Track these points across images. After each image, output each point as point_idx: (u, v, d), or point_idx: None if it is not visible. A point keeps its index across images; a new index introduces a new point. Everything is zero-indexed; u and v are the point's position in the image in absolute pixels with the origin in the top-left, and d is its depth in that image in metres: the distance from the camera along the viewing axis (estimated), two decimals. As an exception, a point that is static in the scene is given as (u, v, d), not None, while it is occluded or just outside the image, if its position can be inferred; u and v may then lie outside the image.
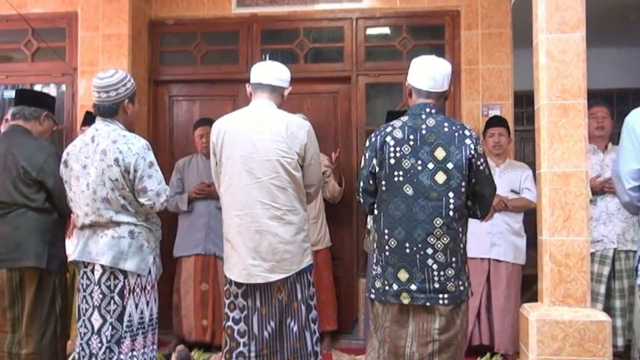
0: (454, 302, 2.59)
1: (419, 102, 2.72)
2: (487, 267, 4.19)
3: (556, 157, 3.28)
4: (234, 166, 2.89)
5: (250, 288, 2.93)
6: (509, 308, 4.12)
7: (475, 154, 2.61)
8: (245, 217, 2.87)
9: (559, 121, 3.28)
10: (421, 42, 4.90)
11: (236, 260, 2.90)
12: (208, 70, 5.07)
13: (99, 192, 2.84)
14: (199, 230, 4.38)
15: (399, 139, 2.65)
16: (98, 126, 2.92)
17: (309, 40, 5.00)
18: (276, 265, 2.87)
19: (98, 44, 4.72)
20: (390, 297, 2.63)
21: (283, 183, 2.87)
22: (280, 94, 3.03)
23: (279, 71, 3.02)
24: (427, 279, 2.58)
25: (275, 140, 2.86)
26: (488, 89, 4.66)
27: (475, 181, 2.65)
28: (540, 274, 3.36)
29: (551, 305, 3.27)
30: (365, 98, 4.90)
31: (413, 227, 2.59)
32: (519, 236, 4.23)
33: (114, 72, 2.92)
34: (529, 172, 4.31)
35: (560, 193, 3.27)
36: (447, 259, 2.59)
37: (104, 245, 2.86)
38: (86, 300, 2.91)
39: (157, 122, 5.10)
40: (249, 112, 2.98)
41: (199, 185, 4.35)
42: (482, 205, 2.73)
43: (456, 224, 2.61)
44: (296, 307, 2.96)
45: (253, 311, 2.93)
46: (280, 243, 2.86)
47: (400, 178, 2.63)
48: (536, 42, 3.39)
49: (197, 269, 4.37)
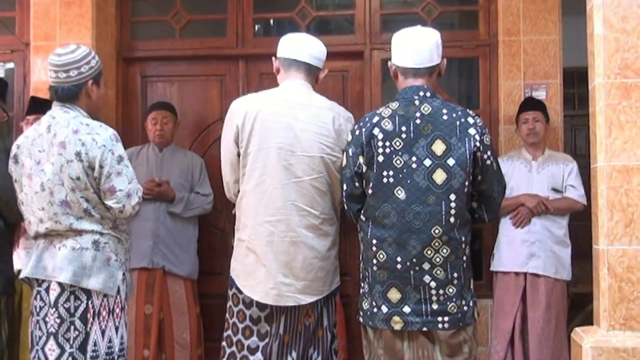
0: (455, 325, 2.59)
1: (409, 84, 2.70)
2: (523, 283, 4.18)
3: (615, 147, 3.26)
4: (268, 160, 2.87)
5: (276, 311, 2.92)
6: (549, 333, 4.11)
7: (482, 146, 2.60)
8: (278, 225, 2.86)
9: (618, 104, 3.26)
10: (449, 8, 4.89)
11: (263, 277, 2.88)
12: (189, 44, 5.06)
13: (57, 194, 2.83)
14: (146, 239, 4.29)
15: (388, 131, 2.64)
16: (55, 113, 2.92)
17: (312, 7, 4.99)
18: (309, 285, 2.87)
19: (55, 14, 4.72)
20: (379, 321, 2.63)
21: (324, 185, 2.87)
22: (315, 76, 3.04)
23: (318, 47, 3.04)
24: (423, 299, 2.58)
25: (320, 134, 2.85)
26: (531, 66, 4.63)
27: (481, 178, 2.65)
28: (596, 292, 3.33)
29: (610, 330, 3.24)
30: (382, 77, 4.88)
31: (406, 238, 2.58)
32: (562, 245, 4.21)
33: (76, 48, 2.93)
34: (573, 164, 4.30)
35: (621, 192, 3.25)
36: (448, 275, 2.59)
37: (63, 258, 2.86)
38: (39, 326, 2.90)
39: (128, 107, 5.10)
40: (285, 93, 2.96)
41: (147, 184, 4.27)
42: (489, 208, 2.74)
43: (458, 233, 2.60)
44: (321, 336, 2.97)
45: (275, 339, 2.92)
46: (315, 258, 2.87)
47: (390, 179, 2.62)
48: (590, 6, 3.36)
49: (140, 287, 4.29)
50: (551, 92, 4.61)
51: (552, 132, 4.51)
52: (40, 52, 4.73)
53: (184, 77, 5.09)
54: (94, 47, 4.57)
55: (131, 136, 4.98)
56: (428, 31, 2.73)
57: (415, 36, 2.71)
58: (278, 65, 3.02)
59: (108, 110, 4.82)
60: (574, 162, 4.33)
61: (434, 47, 2.70)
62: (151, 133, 4.52)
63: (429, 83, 2.70)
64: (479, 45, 4.81)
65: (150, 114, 4.57)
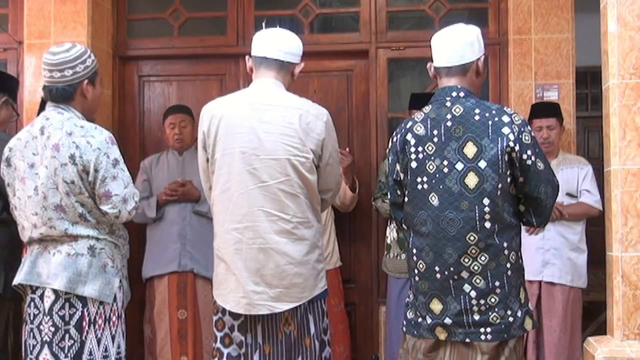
0: (499, 337, 2.58)
1: (444, 84, 2.71)
2: (538, 292, 4.18)
3: (630, 150, 3.25)
4: (233, 165, 2.87)
5: (250, 320, 2.92)
6: (565, 343, 4.11)
7: (518, 145, 2.56)
8: (246, 232, 2.85)
9: (633, 105, 3.25)
10: (458, 5, 4.89)
11: (233, 286, 2.88)
12: (188, 43, 5.07)
13: (51, 198, 2.84)
14: (173, 242, 4.34)
15: (421, 136, 2.64)
16: (49, 114, 2.93)
17: (316, 4, 5.00)
18: (284, 292, 2.86)
19: (49, 11, 4.73)
20: (425, 331, 2.63)
21: (294, 188, 2.85)
22: (290, 72, 3.01)
23: (289, 42, 3.00)
24: (464, 310, 2.57)
25: (285, 134, 2.84)
26: (543, 65, 4.63)
27: (523, 180, 2.62)
28: (610, 300, 3.33)
29: (624, 340, 3.24)
30: (388, 77, 4.89)
31: (442, 246, 2.58)
32: (578, 252, 4.21)
33: (71, 46, 2.93)
34: (588, 168, 4.29)
35: (636, 196, 3.24)
36: (489, 284, 2.57)
37: (57, 264, 2.86)
38: (33, 335, 2.90)
39: (124, 108, 5.11)
40: (250, 94, 2.96)
41: (170, 185, 4.32)
42: (537, 211, 2.70)
43: (498, 239, 2.58)
44: (309, 344, 2.96)
45: (254, 349, 2.92)
46: (289, 264, 2.85)
47: (424, 185, 2.62)
48: (604, 3, 3.36)
49: (172, 292, 4.33)
50: (563, 92, 4.61)
51: (565, 134, 4.51)
52: (34, 50, 4.73)
53: (183, 77, 5.10)
54: (90, 45, 4.58)
55: (128, 137, 4.99)
56: (463, 28, 2.72)
57: (448, 34, 2.71)
58: (251, 64, 3.02)
59: (104, 111, 4.82)
60: (589, 165, 4.32)
61: (466, 44, 2.67)
62: (170, 138, 4.52)
63: (463, 82, 2.68)
64: (488, 43, 4.77)
65: (167, 118, 4.54)
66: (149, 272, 4.43)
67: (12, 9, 4.97)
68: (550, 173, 2.68)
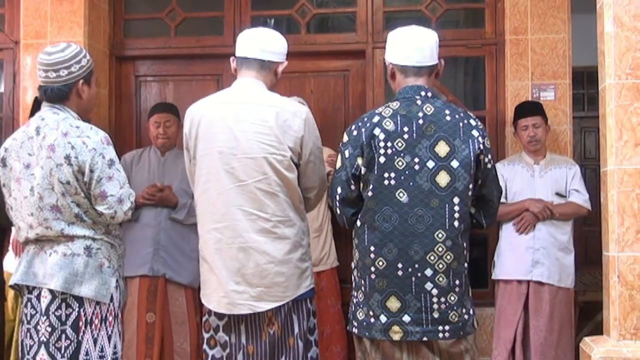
0: (456, 334, 2.60)
1: (409, 83, 2.71)
2: (526, 291, 4.18)
3: (627, 151, 3.25)
4: (211, 165, 2.87)
5: (233, 320, 2.92)
6: (552, 343, 4.11)
7: (484, 149, 2.62)
8: (225, 231, 2.85)
9: (630, 105, 3.26)
10: (455, 5, 4.89)
11: (215, 286, 2.89)
12: (185, 42, 5.07)
13: (47, 198, 2.83)
14: (146, 246, 4.28)
15: (390, 131, 2.64)
16: (44, 114, 2.92)
17: (313, 4, 5.00)
18: (265, 291, 2.85)
19: (46, 11, 4.72)
20: (377, 332, 2.63)
21: (272, 187, 2.84)
22: (273, 71, 3.01)
23: (269, 41, 2.99)
24: (424, 308, 2.58)
25: (261, 133, 2.83)
26: (539, 65, 4.64)
27: (481, 182, 2.67)
28: (606, 300, 3.33)
29: (620, 340, 3.24)
30: (384, 77, 4.88)
31: (409, 242, 2.58)
32: (566, 252, 4.22)
33: (66, 46, 2.93)
34: (576, 167, 4.31)
35: (632, 197, 3.25)
36: (450, 282, 2.59)
37: (54, 265, 2.86)
38: (30, 335, 2.90)
39: (120, 109, 5.10)
40: (230, 94, 2.96)
41: (148, 189, 4.26)
42: (488, 213, 2.78)
43: (461, 238, 2.62)
44: (292, 344, 2.95)
45: (237, 349, 2.92)
46: (270, 263, 2.84)
47: (391, 181, 2.62)
48: (600, 4, 3.37)
49: (142, 294, 4.28)
50: (560, 92, 4.61)
51: (561, 134, 4.52)
52: (30, 49, 4.73)
53: (180, 77, 5.10)
54: (86, 45, 4.58)
55: (124, 137, 4.99)
56: (427, 30, 2.76)
57: (415, 34, 2.72)
58: (235, 65, 3.03)
59: (101, 111, 4.82)
60: (576, 165, 4.34)
61: (434, 46, 2.72)
62: (153, 137, 4.46)
63: (429, 83, 2.72)
64: (485, 44, 4.81)
65: (152, 116, 4.48)
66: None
67: (8, 8, 4.97)
68: (498, 179, 2.78)
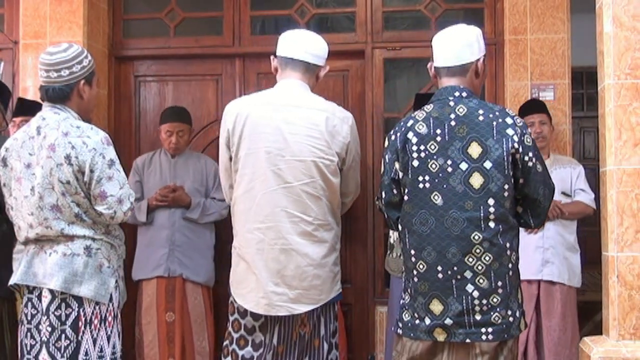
0: (500, 337, 2.58)
1: (444, 84, 2.71)
2: (537, 292, 4.18)
3: (626, 150, 3.26)
4: (257, 165, 2.88)
5: (270, 321, 2.93)
6: (565, 342, 4.11)
7: (521, 147, 2.58)
8: (268, 232, 2.86)
9: (629, 105, 3.26)
10: (454, 5, 4.89)
11: (253, 286, 2.90)
12: (184, 43, 5.06)
13: (47, 198, 2.84)
14: (161, 247, 4.32)
15: (423, 134, 2.64)
16: (45, 114, 2.93)
17: (312, 4, 4.99)
18: (303, 293, 2.87)
19: (45, 11, 4.72)
20: (422, 333, 2.63)
21: (317, 190, 2.87)
22: (315, 74, 3.03)
23: (316, 44, 3.02)
24: (466, 310, 2.57)
25: (311, 136, 2.85)
26: (539, 65, 4.64)
27: (524, 182, 2.63)
28: (606, 300, 3.34)
29: (620, 340, 3.24)
30: (384, 77, 4.89)
31: (446, 245, 2.58)
32: (573, 251, 4.23)
33: (68, 46, 2.94)
34: (580, 168, 4.33)
35: (632, 196, 3.25)
36: (492, 284, 2.57)
37: (54, 264, 2.86)
38: (32, 335, 2.91)
39: (120, 109, 5.10)
40: (277, 95, 2.97)
41: (161, 190, 4.31)
42: (535, 212, 2.72)
43: (501, 239, 2.59)
44: (317, 345, 2.97)
45: (269, 349, 2.93)
46: (309, 266, 2.86)
47: (426, 184, 2.62)
48: (600, 4, 3.37)
49: (160, 295, 4.33)
50: (559, 92, 4.61)
51: (560, 134, 4.52)
52: (30, 50, 4.72)
53: (179, 77, 5.09)
54: (86, 45, 4.57)
55: (124, 138, 4.98)
56: (463, 28, 2.73)
57: (448, 34, 2.73)
58: (276, 64, 3.03)
59: (100, 111, 4.82)
60: (580, 165, 4.37)
61: (464, 45, 2.69)
62: (165, 144, 4.48)
63: (464, 82, 2.69)
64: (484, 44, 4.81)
65: (164, 124, 4.48)
66: (137, 275, 4.43)
67: (7, 8, 4.97)
68: (547, 175, 2.70)
